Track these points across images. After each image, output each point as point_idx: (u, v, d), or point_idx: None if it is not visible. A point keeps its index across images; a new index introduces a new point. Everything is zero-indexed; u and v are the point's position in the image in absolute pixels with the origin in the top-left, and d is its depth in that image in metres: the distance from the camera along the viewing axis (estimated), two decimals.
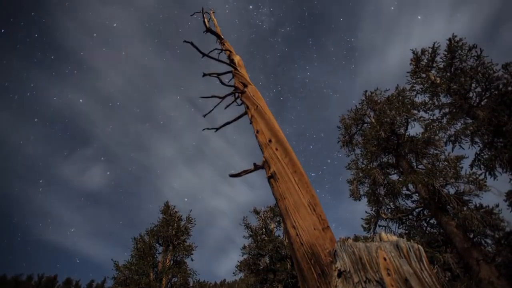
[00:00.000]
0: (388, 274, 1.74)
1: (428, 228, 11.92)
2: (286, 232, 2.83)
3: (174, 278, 17.26)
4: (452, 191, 10.66)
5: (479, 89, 11.54)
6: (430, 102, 13.11)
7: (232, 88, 5.12)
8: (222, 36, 6.90)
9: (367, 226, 12.73)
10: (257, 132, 3.95)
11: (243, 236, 19.95)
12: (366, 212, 12.96)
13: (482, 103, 11.47)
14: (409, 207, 12.44)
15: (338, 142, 16.18)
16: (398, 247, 1.86)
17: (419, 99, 13.68)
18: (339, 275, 1.95)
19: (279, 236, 19.44)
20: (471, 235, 10.13)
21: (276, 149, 3.42)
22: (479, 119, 10.74)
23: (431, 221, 11.87)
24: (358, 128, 15.78)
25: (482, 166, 11.16)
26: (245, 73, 5.34)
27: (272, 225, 20.16)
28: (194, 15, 8.02)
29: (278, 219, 20.39)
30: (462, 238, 9.91)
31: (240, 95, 4.83)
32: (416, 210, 12.27)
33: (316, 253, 2.33)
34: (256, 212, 21.04)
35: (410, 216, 12.38)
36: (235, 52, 6.22)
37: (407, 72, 14.27)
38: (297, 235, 2.58)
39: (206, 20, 7.00)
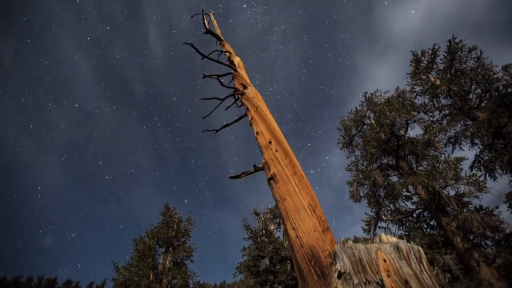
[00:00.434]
0: (388, 276, 1.75)
1: (428, 230, 11.91)
2: (286, 234, 2.83)
3: (174, 280, 17.22)
4: (452, 192, 10.65)
5: (479, 90, 11.56)
6: (430, 103, 13.12)
7: (232, 89, 5.12)
8: (222, 38, 6.92)
9: (367, 227, 12.71)
10: (257, 133, 3.94)
11: (243, 238, 19.96)
12: (366, 213, 12.96)
13: (482, 104, 11.48)
14: (409, 208, 12.44)
15: (338, 143, 16.20)
16: (398, 249, 1.87)
17: (419, 100, 13.69)
18: (339, 277, 1.95)
19: (279, 237, 19.43)
20: (471, 237, 10.12)
21: (276, 150, 3.41)
22: (479, 121, 10.75)
23: (431, 222, 11.86)
24: (358, 130, 15.79)
25: (482, 167, 11.18)
26: (245, 74, 5.33)
27: (272, 226, 20.14)
28: (193, 16, 8.04)
29: (278, 220, 20.37)
30: (462, 239, 9.90)
31: (240, 96, 4.83)
32: (416, 212, 12.27)
33: (316, 254, 2.34)
34: (256, 213, 21.02)
35: (410, 218, 12.38)
36: (235, 53, 6.22)
37: (407, 73, 14.30)
38: (297, 236, 2.58)
39: (206, 21, 7.02)
